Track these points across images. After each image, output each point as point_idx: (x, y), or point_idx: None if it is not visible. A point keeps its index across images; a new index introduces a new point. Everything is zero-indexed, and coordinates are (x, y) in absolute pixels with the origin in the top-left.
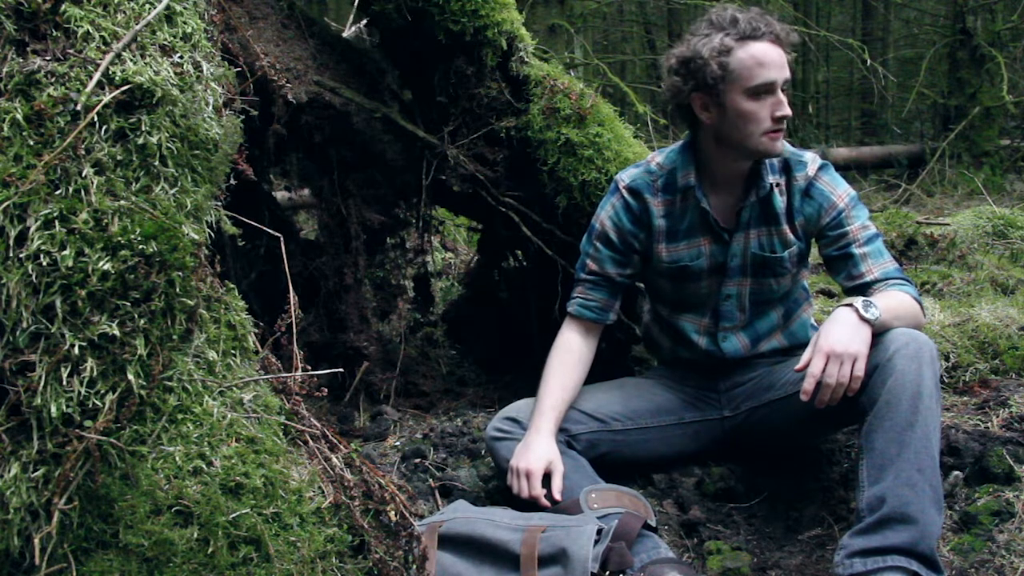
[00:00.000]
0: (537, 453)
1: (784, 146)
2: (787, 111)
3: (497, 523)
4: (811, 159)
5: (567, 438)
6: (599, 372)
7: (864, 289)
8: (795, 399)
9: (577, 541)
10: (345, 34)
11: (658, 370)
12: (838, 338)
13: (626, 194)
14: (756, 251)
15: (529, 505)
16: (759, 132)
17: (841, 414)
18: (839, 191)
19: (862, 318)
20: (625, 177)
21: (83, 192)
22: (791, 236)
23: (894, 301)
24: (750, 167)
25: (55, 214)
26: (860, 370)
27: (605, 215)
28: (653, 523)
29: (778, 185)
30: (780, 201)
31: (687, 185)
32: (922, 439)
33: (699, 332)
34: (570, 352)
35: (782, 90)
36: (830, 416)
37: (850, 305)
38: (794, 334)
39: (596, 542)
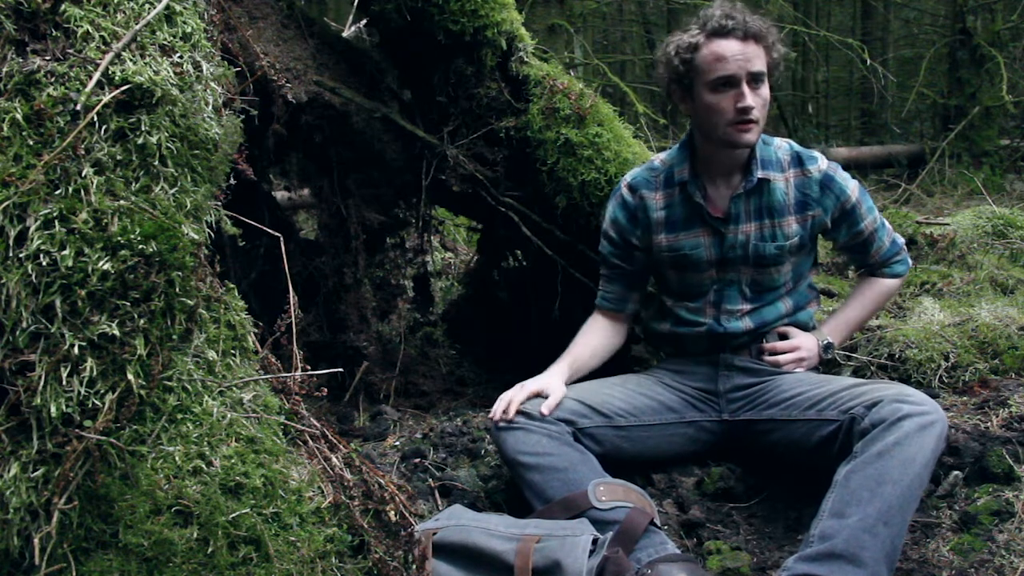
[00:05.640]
0: (538, 379)
1: (758, 137)
2: (747, 102)
3: (491, 531)
4: (818, 155)
5: (574, 431)
6: (599, 371)
7: (871, 268)
8: (793, 427)
9: (571, 553)
10: (345, 34)
11: (659, 368)
12: (810, 349)
13: (625, 192)
14: (757, 242)
15: (526, 511)
16: (723, 123)
17: (841, 452)
18: (851, 185)
19: (822, 358)
20: (628, 176)
21: (83, 192)
22: (795, 227)
23: (870, 304)
24: (745, 160)
25: (55, 214)
26: (801, 367)
27: (608, 214)
28: (658, 523)
29: (787, 179)
30: (783, 194)
31: (682, 179)
32: (900, 499)
33: (703, 317)
34: (593, 328)
35: (750, 83)
36: (827, 451)
37: (821, 343)
38: (798, 321)
39: (592, 552)
